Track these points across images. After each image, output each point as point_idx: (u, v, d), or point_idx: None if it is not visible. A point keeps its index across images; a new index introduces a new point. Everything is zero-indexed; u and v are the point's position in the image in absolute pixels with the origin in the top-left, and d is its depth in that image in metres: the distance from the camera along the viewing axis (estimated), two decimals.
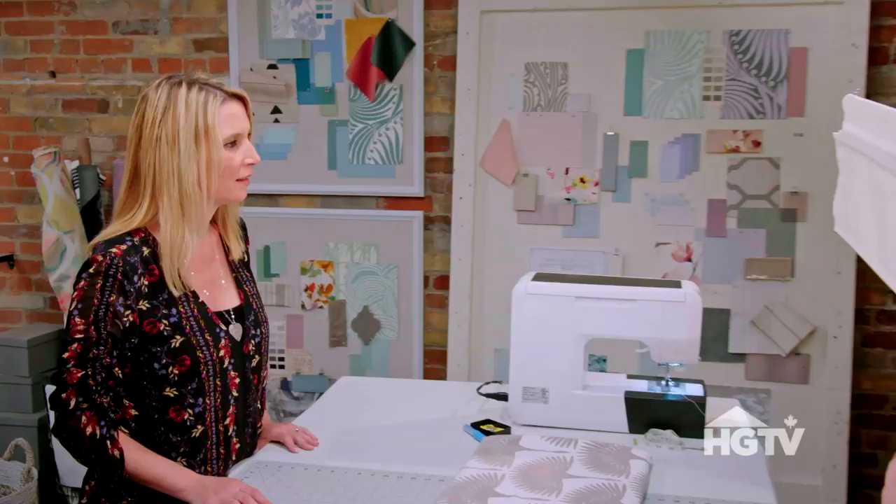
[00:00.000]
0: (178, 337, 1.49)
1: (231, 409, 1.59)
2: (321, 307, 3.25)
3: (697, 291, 1.82)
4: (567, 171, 2.97)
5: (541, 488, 1.53)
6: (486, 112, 3.00)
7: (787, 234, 2.84)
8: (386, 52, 3.06)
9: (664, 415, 1.83)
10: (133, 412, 1.51)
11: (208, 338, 1.53)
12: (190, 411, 1.53)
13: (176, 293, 1.50)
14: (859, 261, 2.78)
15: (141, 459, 1.47)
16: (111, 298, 1.43)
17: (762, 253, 2.85)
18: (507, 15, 2.95)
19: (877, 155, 1.49)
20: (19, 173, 3.39)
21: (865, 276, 2.81)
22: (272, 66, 3.17)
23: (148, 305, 1.47)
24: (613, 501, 1.49)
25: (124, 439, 1.47)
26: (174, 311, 1.50)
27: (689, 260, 2.91)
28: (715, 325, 2.83)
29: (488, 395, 2.02)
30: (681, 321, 1.81)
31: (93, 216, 3.16)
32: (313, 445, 1.74)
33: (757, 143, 2.84)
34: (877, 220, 1.54)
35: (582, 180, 2.96)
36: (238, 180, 1.55)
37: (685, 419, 1.80)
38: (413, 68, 3.06)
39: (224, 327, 1.57)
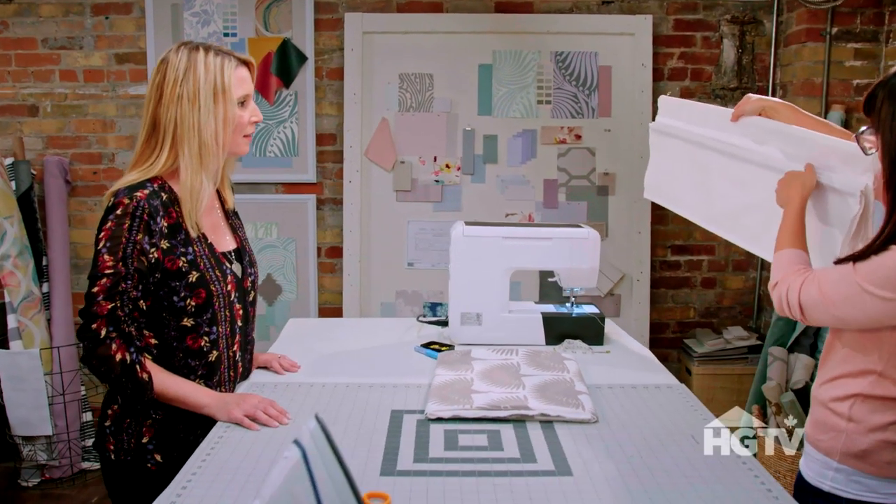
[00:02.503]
0: (194, 273, 1.60)
1: (237, 336, 1.72)
2: None
3: (595, 231, 2.16)
4: (435, 159, 3.68)
5: (507, 384, 1.74)
6: (368, 112, 3.66)
7: (602, 205, 3.69)
8: (283, 64, 3.65)
9: (573, 328, 2.16)
10: (153, 341, 1.61)
11: (218, 274, 1.64)
12: (205, 338, 1.64)
13: (192, 234, 1.61)
14: (652, 223, 3.68)
15: (166, 381, 1.58)
16: (138, 237, 1.52)
17: (584, 219, 3.68)
18: (384, 35, 3.63)
19: (699, 139, 1.94)
20: None
21: (654, 235, 3.71)
22: None
23: (168, 244, 1.57)
24: (569, 389, 1.71)
25: (150, 364, 1.57)
26: (190, 249, 1.60)
27: None
28: (546, 275, 3.62)
29: (430, 322, 2.32)
30: (584, 254, 2.13)
31: (27, 204, 3.57)
32: (297, 368, 1.92)
33: (578, 136, 3.67)
34: (699, 188, 1.97)
35: (447, 166, 3.68)
36: (245, 136, 1.69)
37: (589, 330, 2.15)
38: (306, 78, 3.67)
39: (228, 265, 1.69)
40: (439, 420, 1.59)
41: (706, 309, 3.87)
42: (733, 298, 3.87)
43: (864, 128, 1.47)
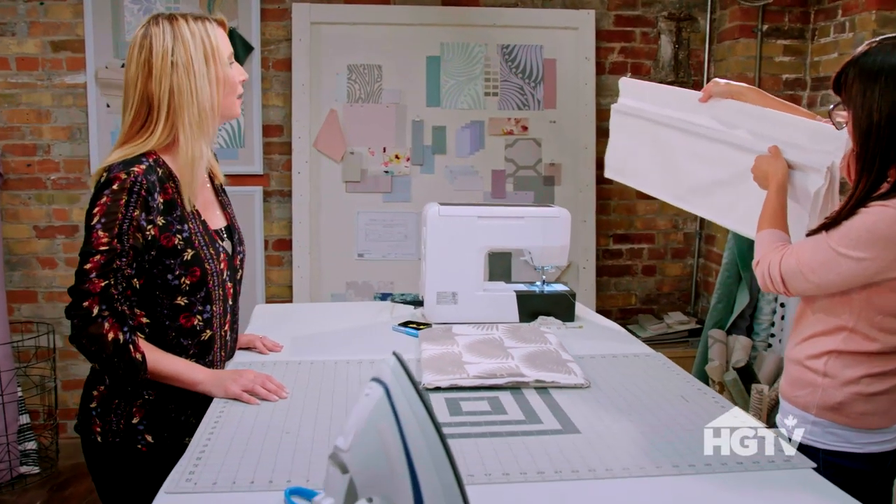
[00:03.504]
0: (189, 250, 1.57)
1: (228, 315, 1.72)
2: None
3: (566, 211, 2.21)
4: (384, 150, 3.69)
5: (495, 356, 1.76)
6: (317, 103, 3.65)
7: (548, 194, 3.78)
8: None
9: (545, 306, 2.21)
10: (145, 320, 1.58)
11: (212, 252, 1.63)
12: (199, 317, 1.62)
13: (188, 209, 1.59)
14: (597, 212, 3.79)
15: (160, 359, 1.55)
16: (135, 213, 1.49)
17: None
18: (332, 26, 3.63)
19: (665, 119, 2.00)
20: None
21: (597, 225, 3.82)
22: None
23: (163, 221, 1.55)
24: (557, 358, 1.74)
25: (143, 343, 1.54)
26: (185, 227, 1.58)
27: None
28: (501, 263, 3.69)
29: (405, 303, 2.34)
30: (556, 232, 2.18)
31: None
32: (280, 348, 1.91)
33: (525, 128, 3.75)
34: (666, 167, 2.03)
35: (396, 157, 3.70)
36: (238, 97, 1.68)
37: (561, 307, 2.22)
38: (252, 68, 3.62)
39: (221, 243, 1.68)
40: (437, 389, 1.62)
41: (647, 295, 4.01)
42: (672, 285, 4.02)
43: (835, 104, 1.58)
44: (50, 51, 3.57)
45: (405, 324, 2.16)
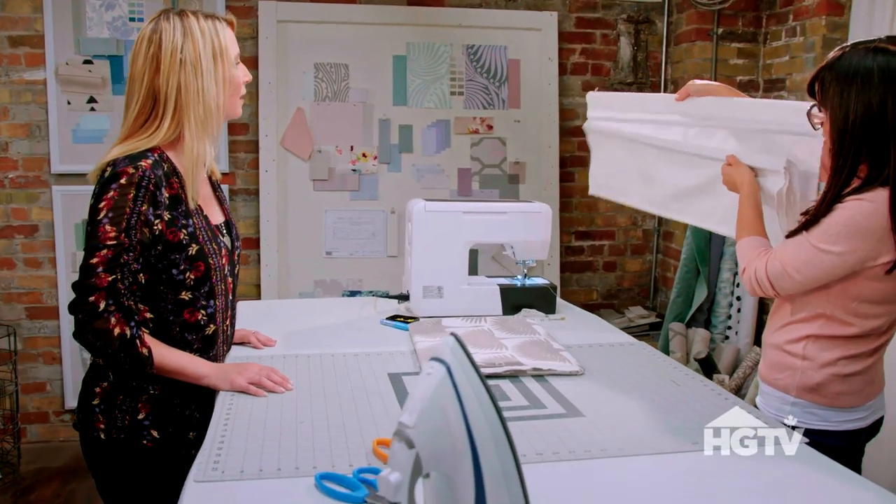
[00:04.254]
0: (194, 245, 1.58)
1: (229, 310, 1.74)
2: None
3: (547, 206, 2.27)
4: (352, 148, 3.71)
5: (489, 346, 1.79)
6: (284, 101, 3.65)
7: (513, 192, 3.85)
8: None
9: (527, 298, 2.28)
10: (148, 315, 1.57)
11: (214, 247, 1.63)
12: (203, 312, 1.63)
13: (192, 205, 1.59)
14: (560, 210, 3.88)
15: (165, 354, 1.55)
16: (143, 208, 1.49)
17: None
18: (299, 24, 3.63)
19: (633, 129, 2.06)
20: None
21: (561, 222, 3.91)
22: (88, 62, 3.55)
23: (169, 216, 1.55)
24: (549, 348, 1.78)
25: (148, 338, 1.54)
26: (190, 222, 1.58)
27: None
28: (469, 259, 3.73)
29: (391, 297, 2.35)
30: (537, 227, 2.24)
31: None
32: (273, 343, 1.92)
33: (490, 127, 3.81)
34: (644, 178, 2.09)
35: (364, 155, 3.73)
36: (241, 97, 1.69)
37: (543, 300, 2.29)
38: None
39: (222, 238, 1.69)
40: None
41: (608, 291, 4.12)
42: (632, 280, 4.13)
43: (811, 105, 1.67)
44: (7, 46, 3.50)
45: (393, 317, 2.19)
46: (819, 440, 1.60)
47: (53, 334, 3.65)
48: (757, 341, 3.63)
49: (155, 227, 1.52)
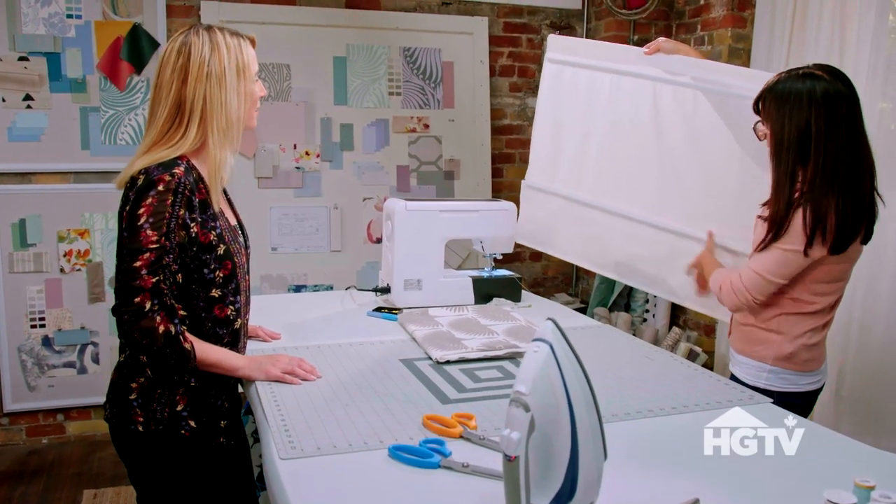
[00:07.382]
0: (221, 246, 1.69)
1: (248, 305, 1.85)
2: (79, 270, 3.66)
3: (512, 204, 2.48)
4: (295, 146, 3.82)
5: (480, 332, 1.96)
6: None
7: (449, 188, 4.06)
8: (134, 50, 3.58)
9: (496, 288, 2.48)
10: (182, 312, 1.67)
11: (237, 246, 1.75)
12: (231, 308, 1.73)
13: (216, 208, 1.69)
14: None
15: (203, 348, 1.66)
16: (181, 212, 1.59)
17: None
18: (240, 25, 3.62)
19: (577, 199, 2.33)
20: None
21: None
22: (23, 59, 3.50)
23: (201, 219, 1.65)
24: (533, 332, 1.88)
25: (188, 334, 1.64)
26: (217, 224, 1.68)
27: None
28: None
29: (373, 290, 2.47)
30: (505, 223, 2.47)
31: None
32: (279, 336, 2.06)
33: (426, 126, 4.00)
34: (587, 240, 2.35)
35: (307, 153, 3.84)
36: (256, 110, 1.79)
37: (510, 289, 2.50)
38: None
39: (240, 238, 1.81)
40: (448, 363, 1.86)
41: (534, 279, 4.40)
42: (556, 269, 4.43)
43: (757, 121, 1.97)
44: None
45: (378, 309, 2.35)
46: (790, 401, 1.89)
47: None
48: (672, 323, 4.01)
49: (192, 230, 1.62)
